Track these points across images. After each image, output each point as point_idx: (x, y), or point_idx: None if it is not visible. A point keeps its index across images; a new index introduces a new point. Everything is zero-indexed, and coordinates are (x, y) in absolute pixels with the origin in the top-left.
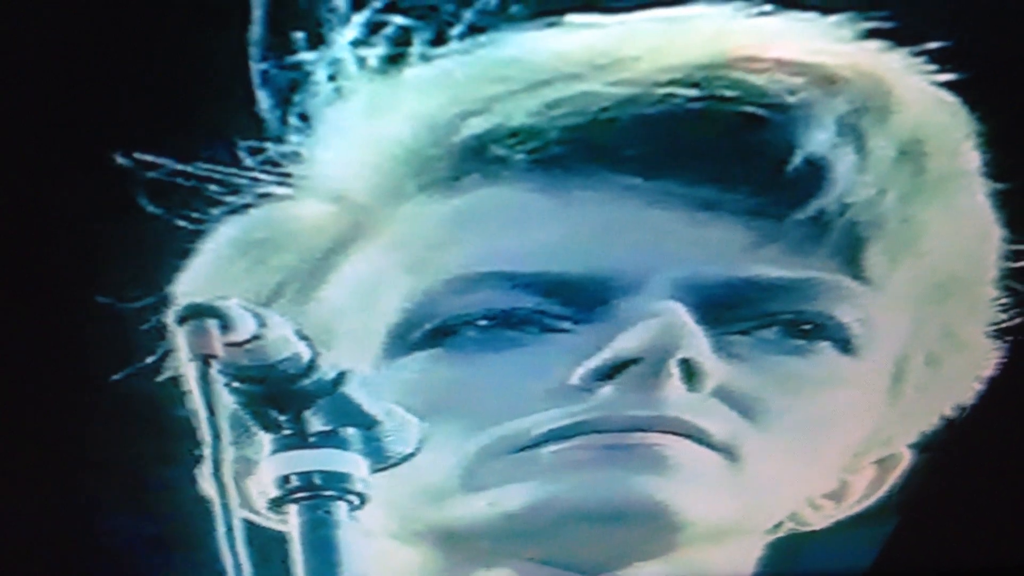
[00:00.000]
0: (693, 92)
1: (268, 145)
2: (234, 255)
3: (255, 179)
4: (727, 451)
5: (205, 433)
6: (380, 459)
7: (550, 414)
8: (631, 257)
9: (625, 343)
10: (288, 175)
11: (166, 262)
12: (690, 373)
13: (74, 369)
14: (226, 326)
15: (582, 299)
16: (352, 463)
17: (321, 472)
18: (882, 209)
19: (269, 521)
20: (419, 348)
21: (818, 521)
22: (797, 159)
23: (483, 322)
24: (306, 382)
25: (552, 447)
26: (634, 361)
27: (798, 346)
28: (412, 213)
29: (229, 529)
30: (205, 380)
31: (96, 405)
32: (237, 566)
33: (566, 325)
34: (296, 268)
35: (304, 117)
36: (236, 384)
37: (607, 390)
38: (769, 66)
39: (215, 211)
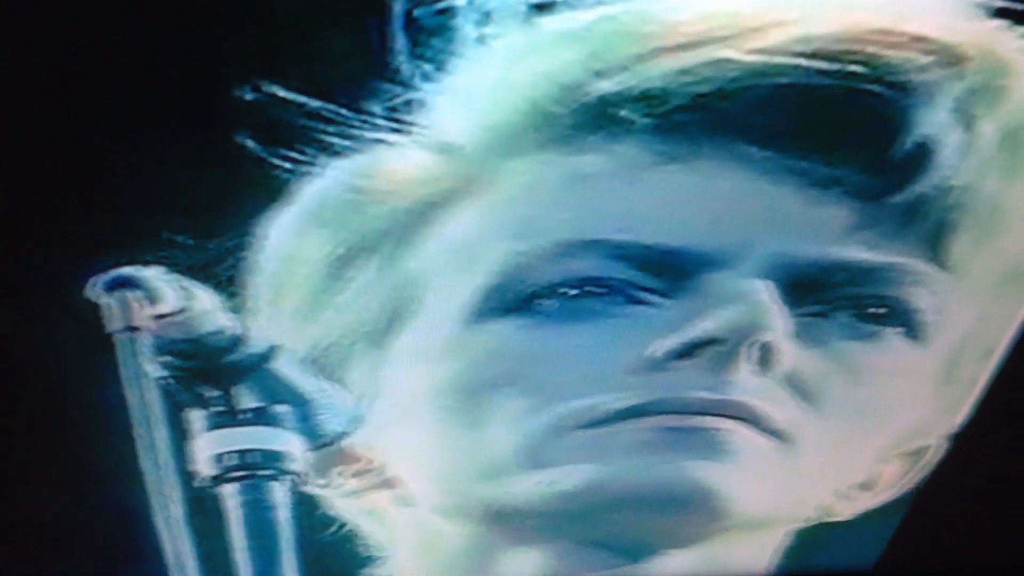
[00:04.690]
0: (824, 65)
1: (394, 90)
2: (332, 201)
3: (373, 124)
4: (785, 438)
5: (134, 408)
6: (313, 437)
7: (622, 392)
8: (735, 231)
9: (712, 322)
10: (406, 122)
11: (258, 201)
12: (766, 357)
13: None
14: (151, 298)
15: (676, 272)
16: (286, 441)
17: (255, 451)
18: (976, 195)
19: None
20: (506, 314)
21: (846, 512)
22: (907, 141)
23: (575, 291)
24: (234, 356)
25: (619, 426)
26: (716, 341)
27: (868, 331)
28: (524, 171)
29: (164, 506)
30: (131, 353)
31: None
32: (175, 545)
33: (653, 298)
34: (396, 220)
35: (437, 63)
36: (165, 358)
37: (681, 369)
38: (903, 41)
39: (321, 153)
